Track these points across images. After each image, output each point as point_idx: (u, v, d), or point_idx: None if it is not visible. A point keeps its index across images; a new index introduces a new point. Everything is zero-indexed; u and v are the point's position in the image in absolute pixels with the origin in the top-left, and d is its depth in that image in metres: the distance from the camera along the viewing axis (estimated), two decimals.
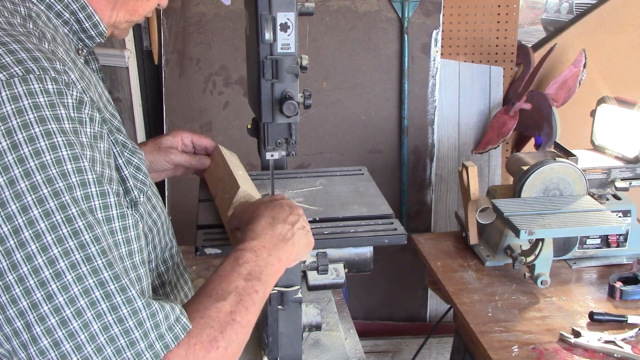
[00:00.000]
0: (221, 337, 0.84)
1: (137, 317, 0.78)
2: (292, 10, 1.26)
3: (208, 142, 1.56)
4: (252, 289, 0.92)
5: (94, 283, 0.75)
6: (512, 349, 1.49)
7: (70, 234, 0.74)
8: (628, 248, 1.92)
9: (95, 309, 0.74)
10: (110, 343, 0.75)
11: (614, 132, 2.10)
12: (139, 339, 0.77)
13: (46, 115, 0.74)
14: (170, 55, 2.68)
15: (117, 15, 1.01)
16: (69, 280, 0.73)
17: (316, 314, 1.47)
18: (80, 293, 0.73)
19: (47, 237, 0.72)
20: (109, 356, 0.75)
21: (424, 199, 2.89)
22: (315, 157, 2.79)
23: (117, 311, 0.76)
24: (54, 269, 0.72)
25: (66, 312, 0.73)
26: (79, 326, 0.73)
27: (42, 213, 0.72)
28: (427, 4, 2.70)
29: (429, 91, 2.78)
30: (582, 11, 2.84)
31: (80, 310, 0.73)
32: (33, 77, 0.74)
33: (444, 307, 2.59)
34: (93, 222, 0.77)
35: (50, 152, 0.74)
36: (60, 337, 0.73)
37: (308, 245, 1.13)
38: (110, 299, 0.76)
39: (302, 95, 1.32)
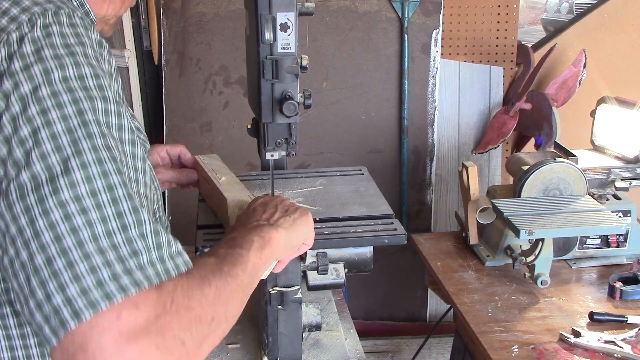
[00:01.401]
0: (212, 277, 0.82)
1: (141, 229, 0.76)
2: (292, 10, 1.26)
3: (181, 148, 1.54)
4: (234, 252, 0.92)
5: (102, 185, 0.75)
6: (512, 349, 1.49)
7: (85, 135, 0.76)
8: (628, 248, 1.92)
9: (101, 212, 0.74)
10: (113, 249, 0.73)
11: (614, 132, 2.10)
12: (141, 250, 0.75)
13: (71, 42, 0.82)
14: (170, 55, 2.69)
15: (108, 7, 1.03)
16: (77, 176, 0.74)
17: (316, 314, 1.47)
18: (88, 193, 0.74)
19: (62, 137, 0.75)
20: (111, 261, 0.72)
21: (424, 199, 2.89)
22: (315, 157, 2.79)
23: (122, 219, 0.75)
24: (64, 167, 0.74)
25: (71, 208, 0.73)
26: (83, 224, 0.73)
27: (59, 116, 0.76)
28: (427, 4, 2.70)
29: (429, 91, 2.78)
30: (582, 11, 2.84)
31: (85, 209, 0.73)
32: (63, 12, 0.84)
33: (444, 307, 2.59)
34: (108, 133, 0.79)
35: (74, 67, 0.80)
36: (63, 231, 0.72)
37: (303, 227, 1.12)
38: (117, 205, 0.75)
39: (302, 95, 1.32)
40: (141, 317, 0.71)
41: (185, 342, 0.74)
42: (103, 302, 0.69)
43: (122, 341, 0.68)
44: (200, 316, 0.77)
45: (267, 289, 1.34)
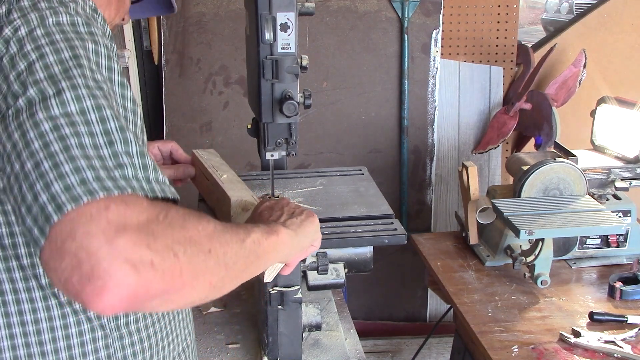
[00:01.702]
0: (211, 220, 0.79)
1: (127, 148, 0.76)
2: (292, 10, 1.26)
3: (172, 144, 1.54)
4: (236, 226, 0.87)
5: (91, 105, 0.77)
6: (512, 349, 1.49)
7: (75, 65, 0.79)
8: (628, 248, 1.92)
9: (89, 127, 0.75)
10: (98, 159, 0.73)
11: (614, 132, 2.10)
12: (127, 165, 0.75)
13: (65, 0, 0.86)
14: (170, 55, 2.69)
15: (103, 13, 1.03)
16: (67, 96, 0.76)
17: (316, 314, 1.47)
18: (77, 110, 0.76)
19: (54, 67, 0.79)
20: (96, 166, 0.72)
21: (424, 199, 2.89)
22: (315, 157, 2.79)
23: (109, 135, 0.76)
24: (55, 88, 0.77)
25: (60, 121, 0.74)
26: (71, 134, 0.74)
27: (52, 50, 0.80)
28: (427, 4, 2.70)
29: (429, 91, 2.78)
30: (582, 11, 2.84)
31: (74, 123, 0.75)
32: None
33: (444, 307, 2.59)
34: (97, 69, 0.82)
35: (67, 16, 0.84)
36: (51, 138, 0.73)
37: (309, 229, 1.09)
38: (105, 123, 0.76)
39: (302, 95, 1.32)
40: (131, 213, 0.69)
41: (178, 256, 0.71)
42: (85, 196, 0.69)
43: (111, 230, 0.67)
44: (196, 240, 0.74)
45: (267, 289, 1.34)
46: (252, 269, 0.88)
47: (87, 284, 0.65)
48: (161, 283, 0.69)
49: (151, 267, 0.67)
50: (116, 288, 0.66)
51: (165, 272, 0.69)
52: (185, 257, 0.71)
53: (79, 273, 0.66)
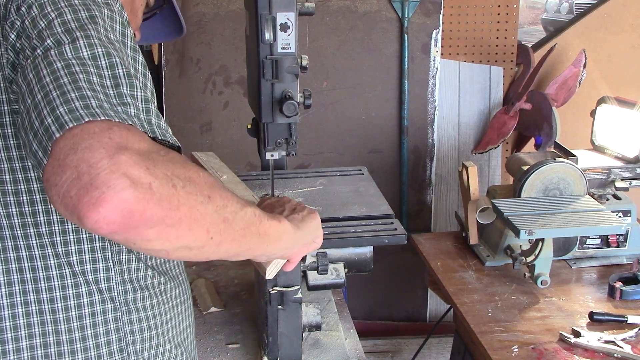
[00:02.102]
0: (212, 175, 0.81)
1: (132, 92, 0.79)
2: (292, 10, 1.26)
3: None
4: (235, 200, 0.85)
5: (102, 52, 0.80)
6: (512, 349, 1.49)
7: (89, 20, 0.83)
8: (628, 248, 1.92)
9: (98, 70, 0.78)
10: (102, 91, 0.76)
11: (614, 132, 2.10)
12: (130, 104, 0.77)
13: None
14: (170, 55, 2.69)
15: None
16: (80, 43, 0.79)
17: (316, 314, 1.47)
18: (89, 55, 0.79)
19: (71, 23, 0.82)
20: (100, 98, 0.75)
21: (424, 199, 2.89)
22: (315, 157, 2.79)
23: (116, 79, 0.79)
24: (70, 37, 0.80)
25: (72, 61, 0.77)
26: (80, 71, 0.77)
27: (70, 10, 0.83)
28: (427, 4, 2.70)
29: (429, 91, 2.78)
30: (582, 11, 2.84)
31: (84, 63, 0.78)
32: None
33: (444, 307, 2.59)
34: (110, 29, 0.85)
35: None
36: (61, 73, 0.76)
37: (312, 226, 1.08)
38: (114, 69, 0.79)
39: (302, 95, 1.32)
40: (132, 138, 0.71)
41: (176, 188, 0.71)
42: (87, 117, 0.71)
43: (113, 146, 0.68)
44: (196, 181, 0.75)
45: (267, 289, 1.34)
46: (252, 243, 0.88)
47: (85, 195, 0.66)
48: (158, 208, 0.69)
49: (149, 188, 0.68)
50: (113, 200, 0.66)
51: (162, 198, 0.69)
52: (184, 191, 0.72)
53: (78, 185, 0.67)
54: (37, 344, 0.90)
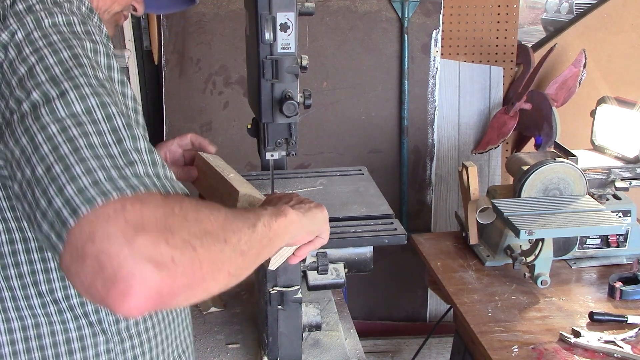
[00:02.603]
0: (222, 209, 0.78)
1: (136, 144, 0.76)
2: (292, 10, 1.26)
3: (190, 135, 1.51)
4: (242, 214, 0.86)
5: (96, 103, 0.77)
6: (512, 349, 1.49)
7: (76, 65, 0.79)
8: (628, 248, 1.92)
9: (96, 126, 0.75)
10: (109, 158, 0.73)
11: (614, 132, 2.10)
12: (137, 161, 0.75)
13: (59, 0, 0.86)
14: (170, 55, 2.69)
15: (97, 0, 1.04)
16: (71, 96, 0.76)
17: (316, 314, 1.47)
18: (83, 110, 0.76)
19: (54, 68, 0.79)
20: (107, 166, 0.72)
21: (424, 199, 2.89)
22: (315, 157, 2.79)
23: (117, 133, 0.76)
24: (59, 89, 0.76)
25: (67, 122, 0.74)
26: (79, 134, 0.74)
27: (51, 51, 0.79)
28: (427, 4, 2.70)
29: (429, 91, 2.78)
30: (582, 11, 2.84)
31: (81, 123, 0.74)
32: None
33: (444, 307, 2.59)
34: (97, 67, 0.82)
35: (63, 16, 0.83)
36: (59, 141, 0.73)
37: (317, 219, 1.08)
38: (112, 121, 0.76)
39: (302, 95, 1.32)
40: (147, 211, 0.69)
41: (196, 249, 0.70)
42: (100, 198, 0.68)
43: (130, 229, 0.66)
44: (211, 231, 0.74)
45: (267, 289, 1.34)
46: (265, 253, 0.89)
47: (112, 288, 0.65)
48: (183, 278, 0.69)
49: (172, 263, 0.67)
50: (141, 289, 0.65)
51: (186, 267, 0.69)
52: (203, 249, 0.71)
53: (102, 277, 0.65)
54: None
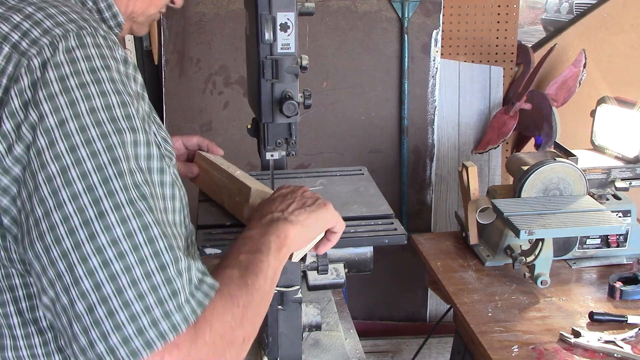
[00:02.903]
0: (239, 295, 0.85)
1: (178, 266, 0.78)
2: (292, 10, 1.26)
3: (197, 138, 1.54)
4: (256, 259, 0.93)
5: (137, 225, 0.76)
6: (512, 349, 1.49)
7: (116, 173, 0.76)
8: (628, 248, 1.92)
9: (138, 253, 0.75)
10: (153, 292, 0.75)
11: (614, 132, 2.10)
12: (179, 289, 0.77)
13: (96, 65, 0.79)
14: (170, 55, 2.69)
15: (134, 5, 1.01)
16: (112, 219, 0.74)
17: (316, 314, 1.47)
18: (124, 235, 0.75)
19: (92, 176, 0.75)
20: (150, 306, 0.74)
21: (424, 199, 2.89)
22: (315, 157, 2.79)
23: (159, 258, 0.76)
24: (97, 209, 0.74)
25: (109, 254, 0.73)
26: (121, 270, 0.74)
27: (89, 153, 0.75)
28: (427, 4, 2.70)
29: (429, 91, 2.78)
30: (582, 11, 2.84)
31: (122, 253, 0.74)
32: (86, 33, 0.80)
33: (444, 307, 2.59)
34: (137, 168, 0.79)
35: (100, 98, 0.77)
36: (102, 278, 0.73)
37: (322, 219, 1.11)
38: (153, 244, 0.76)
39: (302, 95, 1.32)
40: (182, 354, 0.75)
41: (226, 356, 0.79)
42: (145, 351, 0.73)
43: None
44: (232, 340, 0.82)
45: None
46: (271, 295, 0.95)
47: None
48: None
49: None
50: None
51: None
52: (231, 355, 0.81)
53: None
54: None
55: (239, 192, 1.32)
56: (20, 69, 0.76)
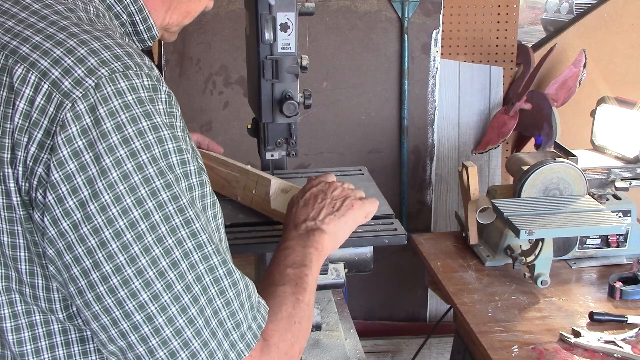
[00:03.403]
0: (295, 314, 0.91)
1: (240, 297, 0.81)
2: (292, 10, 1.26)
3: (198, 136, 1.54)
4: (301, 272, 0.99)
5: (205, 269, 0.77)
6: (512, 349, 1.49)
7: (182, 222, 0.76)
8: (628, 248, 1.92)
9: (207, 294, 0.77)
10: (218, 324, 0.78)
11: (614, 132, 2.10)
12: (242, 320, 0.81)
13: (150, 109, 0.75)
14: (170, 55, 2.69)
15: (170, 17, 1.00)
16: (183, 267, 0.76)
17: (316, 314, 1.47)
18: (194, 280, 0.77)
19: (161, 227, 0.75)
20: (212, 336, 0.77)
21: (424, 199, 2.89)
22: (315, 157, 2.79)
23: (221, 288, 0.79)
24: (170, 259, 0.75)
25: (185, 300, 0.75)
26: (196, 312, 0.77)
27: (155, 204, 0.74)
28: (427, 4, 2.70)
29: (429, 91, 2.78)
30: (582, 11, 2.84)
31: (196, 297, 0.77)
32: (133, 73, 0.75)
33: (444, 307, 2.59)
34: (198, 211, 0.79)
35: (159, 146, 0.75)
36: (181, 324, 0.75)
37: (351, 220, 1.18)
38: (219, 283, 0.79)
39: (302, 95, 1.32)
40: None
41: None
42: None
43: None
44: (293, 355, 0.89)
45: None
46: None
47: None
48: None
49: None
50: None
51: None
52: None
53: None
54: None
55: (256, 185, 1.33)
56: (65, 113, 0.71)
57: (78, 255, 0.71)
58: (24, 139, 0.71)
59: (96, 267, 0.71)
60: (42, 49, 0.74)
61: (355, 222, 1.20)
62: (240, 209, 1.40)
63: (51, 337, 0.80)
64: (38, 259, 0.75)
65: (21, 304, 0.78)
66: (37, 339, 0.79)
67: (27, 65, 0.73)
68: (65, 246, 0.72)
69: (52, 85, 0.72)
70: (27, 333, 0.79)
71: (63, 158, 0.70)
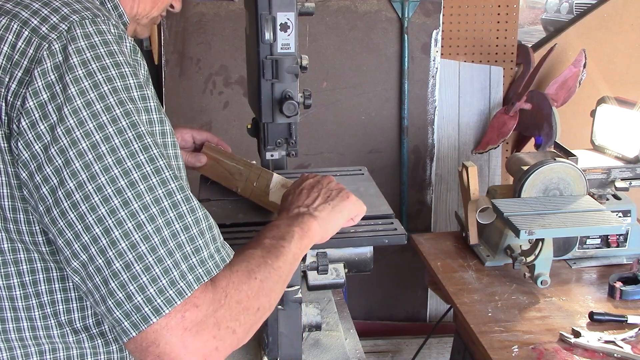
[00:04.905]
0: (257, 271, 0.91)
1: (199, 226, 0.85)
2: (292, 10, 1.26)
3: (208, 135, 1.56)
4: (278, 244, 1.00)
5: (163, 193, 0.83)
6: (512, 349, 1.49)
7: (141, 147, 0.82)
8: (628, 248, 1.92)
9: (165, 216, 0.82)
10: (176, 246, 0.82)
11: (614, 132, 2.10)
12: (202, 246, 0.84)
13: (114, 49, 0.86)
14: (170, 55, 2.69)
15: (138, 6, 1.06)
16: (141, 188, 0.81)
17: (316, 314, 1.47)
18: (152, 201, 0.82)
19: (121, 150, 0.81)
20: (178, 261, 0.82)
21: (424, 199, 2.89)
22: (315, 157, 2.79)
23: (183, 219, 0.83)
24: (128, 179, 0.81)
25: (141, 217, 0.81)
26: (153, 230, 0.81)
27: (115, 130, 0.81)
28: (427, 4, 2.70)
29: (429, 91, 2.78)
30: (582, 11, 2.84)
31: (153, 216, 0.81)
32: (100, 20, 0.87)
33: (444, 307, 2.59)
34: (157, 141, 0.86)
35: (120, 80, 0.84)
36: (137, 239, 0.80)
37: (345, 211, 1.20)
38: (177, 208, 0.83)
39: (302, 95, 1.32)
40: (201, 313, 0.82)
41: (235, 331, 0.86)
42: (177, 298, 0.81)
43: (187, 336, 0.81)
44: (247, 307, 0.88)
45: None
46: (289, 278, 1.01)
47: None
48: (223, 356, 0.85)
49: (216, 351, 0.83)
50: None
51: (226, 348, 0.85)
52: (241, 328, 0.87)
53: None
54: None
55: (258, 178, 1.35)
56: (42, 52, 0.81)
57: (47, 174, 0.80)
58: (6, 78, 0.82)
59: (61, 184, 0.79)
60: (24, 4, 0.87)
61: (349, 213, 1.21)
62: (240, 209, 1.40)
63: (34, 273, 0.88)
64: (19, 192, 0.83)
65: (7, 241, 0.86)
66: (22, 275, 0.87)
67: (10, 17, 0.85)
68: (36, 167, 0.80)
69: (32, 31, 0.83)
70: (12, 268, 0.87)
71: (38, 88, 0.80)
